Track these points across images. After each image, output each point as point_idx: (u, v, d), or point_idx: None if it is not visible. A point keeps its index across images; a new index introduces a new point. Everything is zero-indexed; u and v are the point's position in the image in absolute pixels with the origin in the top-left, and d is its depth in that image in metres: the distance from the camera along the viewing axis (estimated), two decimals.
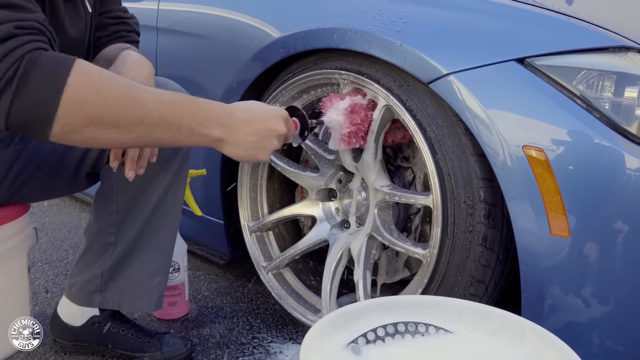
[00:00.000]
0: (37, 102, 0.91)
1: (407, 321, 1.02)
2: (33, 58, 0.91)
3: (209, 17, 1.81)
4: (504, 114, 1.19)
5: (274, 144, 1.17)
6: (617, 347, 1.18)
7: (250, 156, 1.15)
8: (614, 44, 1.18)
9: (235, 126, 1.11)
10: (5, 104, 0.90)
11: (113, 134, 0.98)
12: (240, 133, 1.12)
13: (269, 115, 1.17)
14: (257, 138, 1.14)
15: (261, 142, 1.15)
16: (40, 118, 0.91)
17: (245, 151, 1.14)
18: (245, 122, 1.13)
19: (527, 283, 1.22)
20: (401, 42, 1.31)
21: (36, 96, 0.91)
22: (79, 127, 0.94)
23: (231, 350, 1.60)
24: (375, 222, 1.47)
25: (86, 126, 0.94)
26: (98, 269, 1.43)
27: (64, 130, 0.93)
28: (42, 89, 0.90)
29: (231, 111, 1.12)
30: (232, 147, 1.12)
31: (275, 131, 1.16)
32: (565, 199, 1.14)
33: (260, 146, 1.15)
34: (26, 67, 0.90)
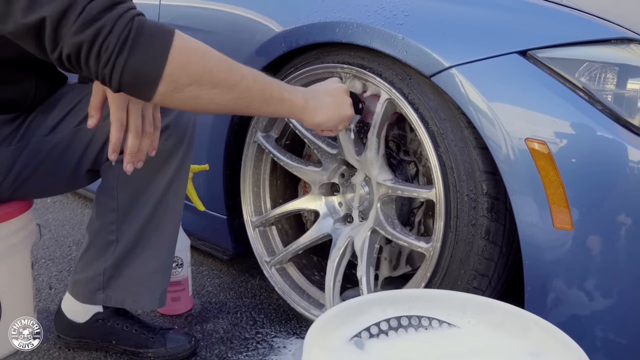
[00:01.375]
0: (148, 60, 0.98)
1: (411, 315, 1.02)
2: (141, 22, 0.99)
3: (211, 12, 1.81)
4: (507, 107, 1.19)
5: (348, 99, 1.29)
6: (620, 340, 1.18)
7: (338, 115, 1.26)
8: (616, 36, 1.18)
9: (314, 94, 1.24)
10: (121, 61, 0.97)
11: (213, 94, 1.05)
12: (320, 98, 1.24)
13: (328, 81, 1.32)
14: (334, 97, 1.26)
15: (338, 99, 1.27)
16: (150, 75, 0.99)
17: (332, 111, 1.25)
18: (318, 90, 1.27)
19: (530, 276, 1.22)
20: (403, 36, 1.30)
21: (147, 55, 0.98)
22: (182, 86, 1.02)
23: (235, 345, 1.60)
24: (378, 216, 1.47)
25: (189, 85, 1.02)
26: (100, 267, 1.43)
27: (168, 89, 1.01)
28: (152, 49, 0.98)
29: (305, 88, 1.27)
30: (319, 111, 1.23)
31: (343, 88, 1.30)
32: (568, 191, 1.14)
33: (341, 103, 1.27)
34: (137, 29, 0.97)
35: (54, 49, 0.97)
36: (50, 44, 0.97)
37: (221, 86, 1.06)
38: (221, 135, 1.77)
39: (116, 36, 0.96)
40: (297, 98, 1.18)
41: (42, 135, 1.35)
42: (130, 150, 1.22)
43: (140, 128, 1.22)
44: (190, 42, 1.04)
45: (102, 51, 0.96)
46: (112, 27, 0.96)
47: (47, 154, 1.35)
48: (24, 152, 1.33)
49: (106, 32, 0.95)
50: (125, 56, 0.97)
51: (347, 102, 1.28)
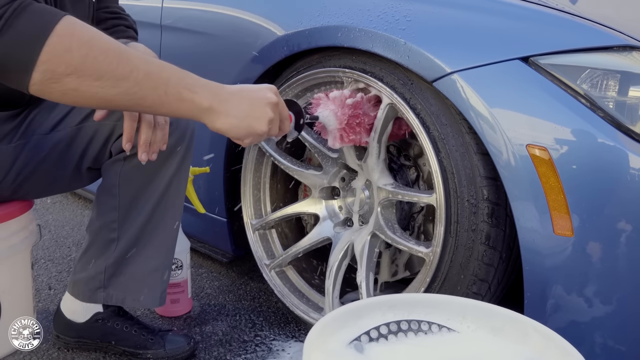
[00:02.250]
0: (20, 44, 0.89)
1: (411, 319, 1.02)
2: (25, 4, 0.91)
3: (213, 15, 1.81)
4: (508, 113, 1.19)
5: (269, 113, 1.11)
6: (619, 346, 1.18)
7: (246, 127, 1.08)
8: (618, 43, 1.18)
9: (225, 95, 1.06)
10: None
11: (96, 87, 0.94)
12: (231, 102, 1.06)
13: (260, 86, 1.14)
14: (249, 106, 1.08)
15: (255, 110, 1.09)
16: (22, 60, 0.89)
17: (240, 121, 1.07)
18: (236, 92, 1.08)
19: (530, 282, 1.22)
20: (405, 41, 1.31)
21: (21, 38, 0.89)
22: (60, 76, 0.91)
23: (233, 347, 1.60)
24: (378, 221, 1.47)
25: (68, 75, 0.92)
26: (101, 265, 1.43)
27: (44, 78, 0.91)
28: (27, 32, 0.89)
29: (220, 84, 1.08)
30: (225, 118, 1.06)
31: (268, 99, 1.11)
32: (569, 198, 1.14)
33: (256, 115, 1.09)
34: (15, 10, 0.89)
35: None
36: None
37: (105, 78, 0.94)
38: (222, 137, 1.77)
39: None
40: (198, 98, 1.02)
41: (43, 134, 1.35)
42: (144, 141, 1.21)
43: (152, 120, 1.22)
44: (78, 28, 0.94)
45: None
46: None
47: (48, 152, 1.35)
48: (24, 150, 1.33)
49: None
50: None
51: (264, 117, 1.10)
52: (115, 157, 1.37)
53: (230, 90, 1.08)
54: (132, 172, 1.37)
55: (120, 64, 0.95)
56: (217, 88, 1.06)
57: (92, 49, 0.93)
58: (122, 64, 0.95)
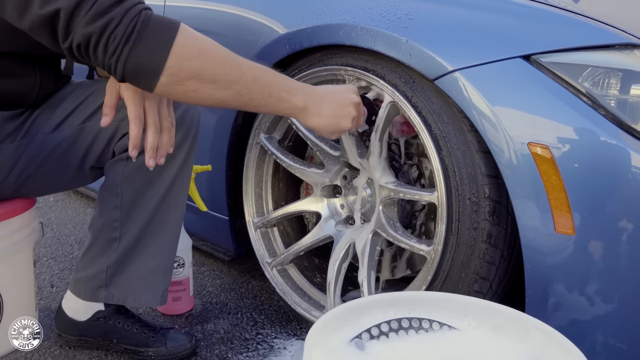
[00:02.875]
0: (151, 53, 1.04)
1: (412, 317, 1.02)
2: (148, 15, 1.04)
3: (215, 14, 1.81)
4: (510, 111, 1.19)
5: (352, 112, 1.27)
6: (620, 345, 1.18)
7: (334, 125, 1.25)
8: (620, 42, 1.18)
9: (317, 97, 1.23)
10: (126, 52, 1.02)
11: (212, 89, 1.09)
12: (322, 103, 1.23)
13: (343, 88, 1.31)
14: (337, 107, 1.25)
15: (341, 110, 1.26)
16: (152, 67, 1.04)
17: (329, 119, 1.24)
18: (326, 94, 1.25)
19: (532, 280, 1.22)
20: (407, 39, 1.31)
21: (151, 48, 1.04)
22: (182, 79, 1.06)
23: (235, 345, 1.61)
24: (380, 219, 1.47)
25: (189, 79, 1.07)
26: (103, 264, 1.43)
27: (169, 81, 1.06)
28: (155, 43, 1.04)
29: (313, 87, 1.26)
30: (317, 117, 1.23)
31: (351, 99, 1.28)
32: (570, 196, 1.14)
33: (342, 114, 1.26)
34: (143, 22, 1.03)
35: (65, 39, 1.03)
36: (62, 34, 1.03)
37: (219, 82, 1.09)
38: (224, 136, 1.78)
39: (123, 28, 1.02)
40: (295, 99, 1.20)
41: (46, 133, 1.35)
42: (151, 146, 1.23)
43: (158, 124, 1.24)
44: (194, 38, 1.08)
45: (110, 42, 1.02)
46: (120, 19, 1.02)
47: (51, 151, 1.35)
48: (27, 149, 1.34)
49: (114, 24, 1.01)
50: (129, 48, 1.02)
51: (349, 115, 1.27)
52: (118, 156, 1.37)
53: (320, 92, 1.25)
54: (134, 171, 1.37)
55: (233, 69, 1.11)
56: (310, 90, 1.24)
57: (209, 56, 1.09)
58: (234, 69, 1.11)
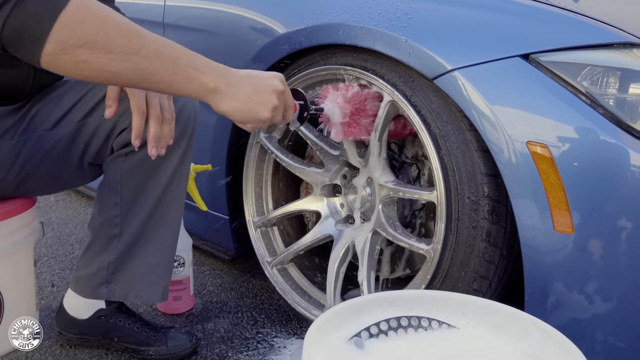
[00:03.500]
0: (36, 14, 0.92)
1: (411, 315, 1.02)
2: None
3: (216, 13, 1.82)
4: (509, 110, 1.19)
5: (274, 100, 1.13)
6: (620, 343, 1.18)
7: (249, 112, 1.11)
8: (618, 40, 1.18)
9: (232, 78, 1.09)
10: (5, 11, 0.91)
11: (106, 60, 0.97)
12: (238, 86, 1.09)
13: (268, 74, 1.16)
14: (255, 91, 1.11)
15: (260, 96, 1.12)
16: (36, 31, 0.92)
17: (244, 105, 1.10)
18: (244, 77, 1.11)
19: (531, 279, 1.22)
20: (406, 38, 1.31)
21: (36, 9, 0.92)
22: (72, 47, 0.94)
23: (235, 344, 1.61)
24: (379, 218, 1.48)
25: (80, 46, 0.94)
26: (104, 261, 1.44)
27: (56, 49, 0.93)
28: (42, 4, 0.92)
29: (229, 68, 1.10)
30: (230, 100, 1.08)
31: (274, 86, 1.13)
32: (569, 195, 1.14)
33: (260, 101, 1.12)
34: None
35: None
36: None
37: (115, 52, 0.97)
38: (224, 135, 1.78)
39: None
40: (205, 78, 1.05)
41: (45, 130, 1.36)
42: (153, 136, 1.24)
43: (160, 115, 1.25)
44: (90, 2, 0.97)
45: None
46: None
47: (51, 148, 1.36)
48: (26, 147, 1.34)
49: None
50: (11, 6, 0.92)
51: (268, 103, 1.12)
52: (117, 153, 1.38)
53: (238, 74, 1.10)
54: (133, 168, 1.37)
55: (132, 39, 0.98)
56: (225, 71, 1.09)
57: (105, 22, 0.96)
58: (134, 39, 0.98)
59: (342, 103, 1.39)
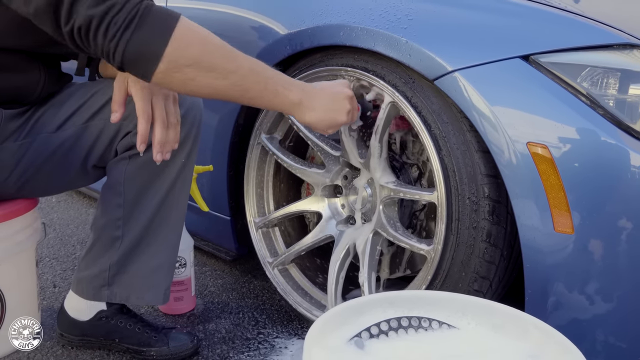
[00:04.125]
0: (151, 38, 1.05)
1: (411, 316, 1.03)
2: (149, 5, 1.06)
3: (216, 14, 1.82)
4: (509, 111, 1.19)
5: (346, 105, 1.28)
6: (620, 344, 1.18)
7: (330, 119, 1.26)
8: (618, 41, 1.19)
9: (312, 93, 1.24)
10: (126, 36, 1.04)
11: (210, 78, 1.10)
12: (317, 98, 1.23)
13: (336, 83, 1.33)
14: (331, 101, 1.26)
15: (336, 104, 1.27)
16: (152, 52, 1.05)
17: (325, 113, 1.25)
18: (319, 89, 1.26)
19: (531, 279, 1.22)
20: (407, 39, 1.31)
21: (151, 34, 1.05)
22: (181, 67, 1.07)
23: (237, 345, 1.61)
24: (380, 219, 1.48)
25: (188, 66, 1.08)
26: (106, 263, 1.44)
27: (168, 67, 1.07)
28: (156, 29, 1.06)
29: (306, 83, 1.27)
30: (312, 112, 1.23)
31: (345, 93, 1.28)
32: (569, 195, 1.14)
33: (337, 108, 1.26)
34: (145, 10, 1.05)
35: (67, 22, 1.04)
36: (65, 17, 1.04)
37: (217, 71, 1.10)
38: (225, 136, 1.78)
39: (125, 14, 1.04)
40: (291, 94, 1.20)
41: (50, 132, 1.36)
42: (158, 141, 1.27)
43: (165, 120, 1.27)
44: (194, 26, 1.10)
45: (111, 26, 1.03)
46: (122, 5, 1.04)
47: (54, 150, 1.36)
48: (30, 149, 1.34)
49: (116, 9, 1.03)
50: (130, 32, 1.04)
51: (344, 109, 1.28)
52: (121, 155, 1.38)
53: (315, 87, 1.26)
54: (137, 170, 1.38)
55: (230, 59, 1.13)
56: (305, 86, 1.25)
57: (208, 45, 1.11)
58: (231, 59, 1.13)
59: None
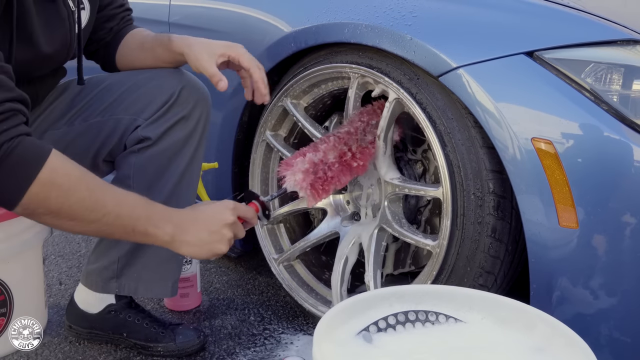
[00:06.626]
0: (6, 188, 1.00)
1: (418, 310, 1.04)
2: (17, 143, 0.99)
3: (221, 12, 1.83)
4: (513, 107, 1.20)
5: (226, 234, 1.21)
6: (624, 338, 1.19)
7: (207, 251, 1.20)
8: (622, 37, 1.20)
9: (186, 225, 1.17)
10: None
11: (70, 225, 1.07)
12: (190, 231, 1.17)
13: (218, 208, 1.22)
14: (208, 233, 1.19)
15: (213, 235, 1.19)
16: (9, 197, 1.01)
17: (201, 248, 1.19)
18: (195, 221, 1.19)
19: (536, 274, 1.23)
20: (411, 36, 1.32)
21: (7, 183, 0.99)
22: (39, 214, 1.04)
23: (243, 340, 1.62)
24: (385, 214, 1.49)
25: (45, 215, 1.04)
26: (115, 256, 1.45)
27: (25, 213, 1.04)
28: (13, 179, 0.99)
29: (184, 213, 1.19)
30: (188, 246, 1.17)
31: (224, 220, 1.20)
32: (574, 190, 1.15)
33: (215, 240, 1.19)
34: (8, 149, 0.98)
35: None
36: None
37: (78, 220, 1.06)
38: (230, 134, 1.79)
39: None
40: (162, 234, 1.15)
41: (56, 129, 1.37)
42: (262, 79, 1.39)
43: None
44: (57, 176, 1.03)
45: None
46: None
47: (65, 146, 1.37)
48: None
49: None
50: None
51: (223, 239, 1.20)
52: (130, 149, 1.39)
53: (190, 218, 1.19)
54: (146, 164, 1.39)
55: (95, 210, 1.07)
56: (180, 219, 1.18)
57: (70, 197, 1.04)
58: (96, 210, 1.07)
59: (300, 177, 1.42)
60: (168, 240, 1.16)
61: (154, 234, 1.14)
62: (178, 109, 1.38)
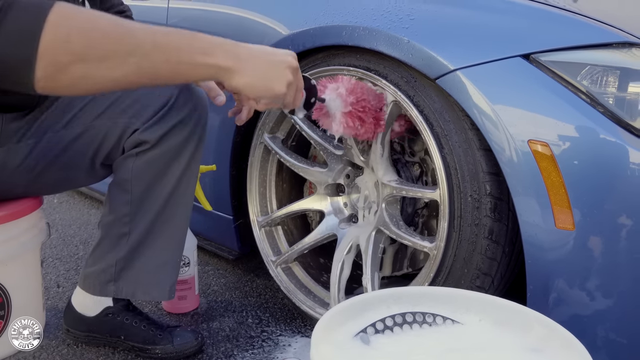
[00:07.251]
0: (16, 40, 0.84)
1: (415, 311, 1.04)
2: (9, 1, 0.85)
3: (219, 15, 1.83)
4: (510, 109, 1.21)
5: (288, 75, 1.09)
6: (621, 339, 1.19)
7: (265, 88, 1.06)
8: (618, 40, 1.20)
9: (244, 55, 1.03)
10: None
11: (104, 69, 0.90)
12: (250, 61, 1.03)
13: (279, 50, 1.12)
14: (269, 67, 1.06)
15: (275, 71, 1.07)
16: (21, 58, 0.85)
17: (260, 81, 1.05)
18: (255, 52, 1.05)
19: (533, 276, 1.23)
20: (408, 39, 1.33)
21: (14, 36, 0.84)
22: (64, 65, 0.87)
23: (241, 343, 1.62)
24: (383, 216, 1.49)
25: (73, 63, 0.87)
26: (112, 259, 1.45)
27: (48, 73, 0.86)
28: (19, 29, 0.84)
29: (237, 43, 1.04)
30: (245, 77, 1.03)
31: (288, 62, 1.09)
32: (570, 192, 1.16)
33: (275, 76, 1.07)
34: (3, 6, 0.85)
35: None
36: None
37: (110, 59, 0.89)
38: (228, 136, 1.80)
39: None
40: (215, 61, 0.99)
41: (56, 131, 1.37)
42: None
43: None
44: (71, 13, 0.88)
45: None
46: None
47: (62, 149, 1.37)
48: (36, 148, 1.35)
49: None
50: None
51: (283, 78, 1.08)
52: (128, 152, 1.39)
53: (249, 50, 1.05)
54: (144, 167, 1.39)
55: (124, 40, 0.91)
56: (234, 47, 1.03)
57: (91, 31, 0.88)
58: (126, 40, 0.91)
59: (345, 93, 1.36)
60: (223, 68, 1.00)
61: (204, 63, 0.98)
62: (176, 112, 1.38)
